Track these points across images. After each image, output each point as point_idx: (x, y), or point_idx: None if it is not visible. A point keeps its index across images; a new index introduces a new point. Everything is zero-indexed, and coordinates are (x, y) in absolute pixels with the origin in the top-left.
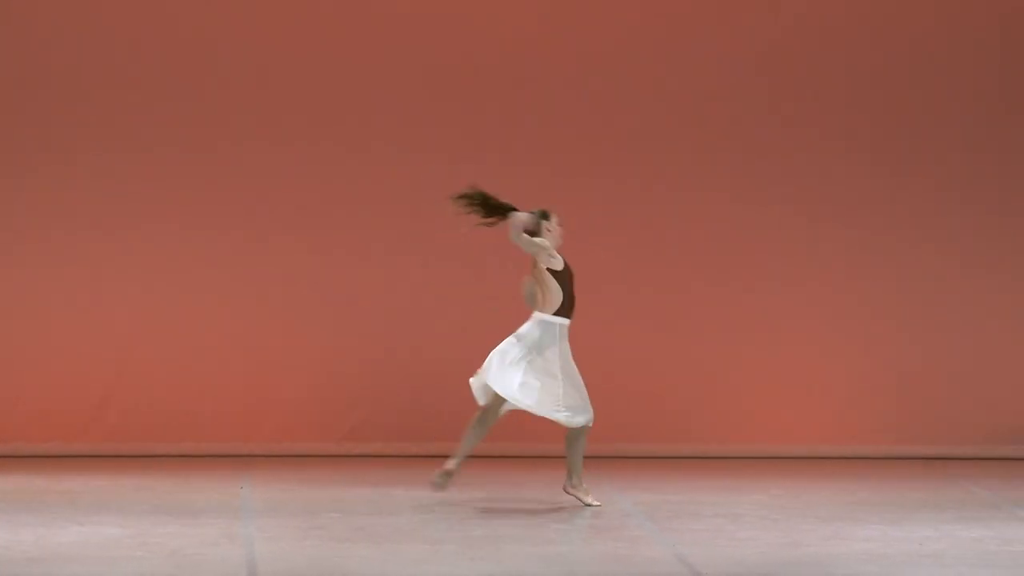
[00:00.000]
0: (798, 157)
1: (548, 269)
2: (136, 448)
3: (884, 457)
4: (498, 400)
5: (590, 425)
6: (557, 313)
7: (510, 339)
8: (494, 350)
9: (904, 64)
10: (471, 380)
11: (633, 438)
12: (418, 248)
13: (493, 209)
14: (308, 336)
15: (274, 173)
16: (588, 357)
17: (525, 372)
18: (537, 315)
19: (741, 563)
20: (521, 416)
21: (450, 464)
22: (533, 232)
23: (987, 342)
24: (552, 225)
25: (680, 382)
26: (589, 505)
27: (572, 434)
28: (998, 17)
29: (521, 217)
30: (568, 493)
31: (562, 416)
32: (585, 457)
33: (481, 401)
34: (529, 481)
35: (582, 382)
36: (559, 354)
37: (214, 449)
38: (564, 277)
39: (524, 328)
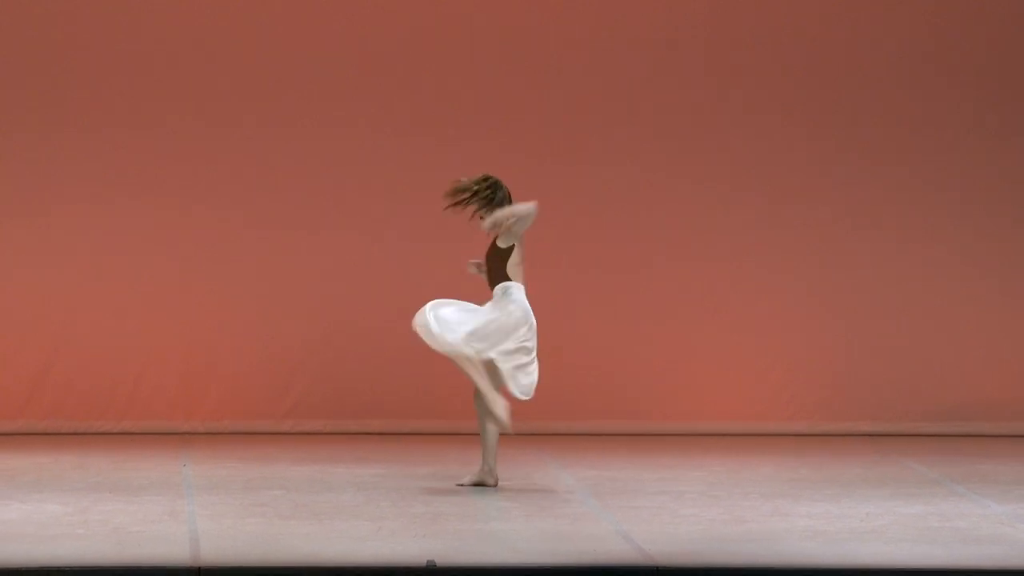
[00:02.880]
0: (740, 135)
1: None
2: (75, 426)
3: (824, 434)
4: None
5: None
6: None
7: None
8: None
9: (852, 43)
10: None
11: (575, 415)
12: (357, 222)
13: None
14: (248, 313)
15: (211, 147)
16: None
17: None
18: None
19: (684, 540)
20: (466, 395)
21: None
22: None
23: (925, 320)
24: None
25: (622, 360)
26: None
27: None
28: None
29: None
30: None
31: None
32: (529, 434)
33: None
34: (472, 459)
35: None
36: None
37: (154, 427)
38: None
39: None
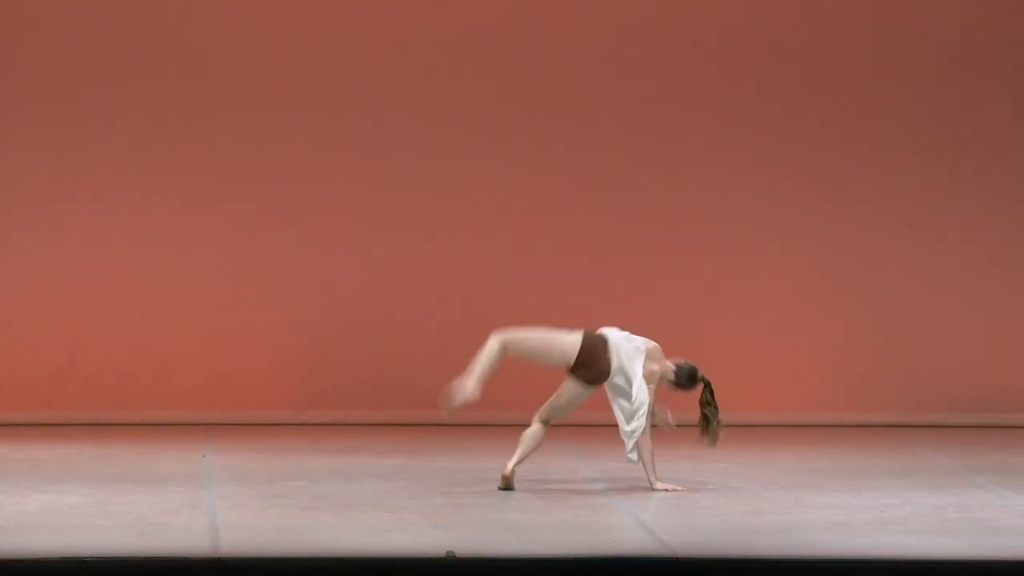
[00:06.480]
0: (770, 127)
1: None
2: (98, 417)
3: (844, 425)
4: None
5: None
6: None
7: None
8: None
9: (879, 34)
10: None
11: (596, 407)
12: (378, 216)
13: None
14: (270, 305)
15: (231, 141)
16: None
17: None
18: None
19: (704, 531)
20: (488, 387)
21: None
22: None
23: (945, 311)
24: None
25: None
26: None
27: None
28: None
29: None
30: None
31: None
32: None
33: None
34: (491, 450)
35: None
36: None
37: (176, 418)
38: None
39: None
